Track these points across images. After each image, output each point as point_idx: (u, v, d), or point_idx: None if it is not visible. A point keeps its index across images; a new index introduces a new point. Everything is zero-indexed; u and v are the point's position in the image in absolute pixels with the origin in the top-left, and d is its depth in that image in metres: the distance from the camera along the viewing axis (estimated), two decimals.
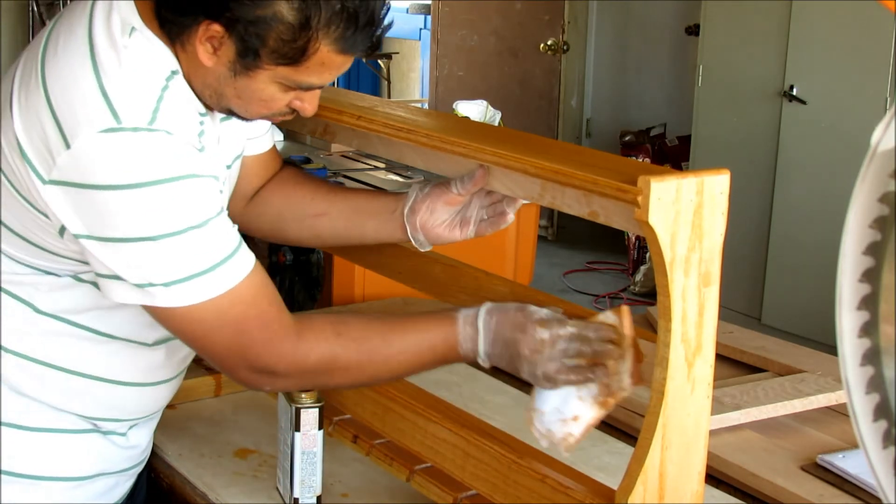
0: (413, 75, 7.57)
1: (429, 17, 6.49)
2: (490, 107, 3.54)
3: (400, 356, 1.28)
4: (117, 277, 1.20)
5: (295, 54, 1.18)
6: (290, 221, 1.50)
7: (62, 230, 1.22)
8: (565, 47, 6.03)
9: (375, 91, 7.55)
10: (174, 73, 1.23)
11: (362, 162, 3.10)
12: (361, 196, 1.50)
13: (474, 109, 3.47)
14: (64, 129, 1.16)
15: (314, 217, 1.50)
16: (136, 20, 1.21)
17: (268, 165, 1.52)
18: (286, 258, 2.69)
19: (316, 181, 1.55)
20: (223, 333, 1.22)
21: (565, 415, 1.23)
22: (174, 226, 1.17)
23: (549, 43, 6.02)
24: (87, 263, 1.26)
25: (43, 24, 5.17)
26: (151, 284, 1.19)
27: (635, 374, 1.19)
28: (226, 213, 1.24)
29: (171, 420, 1.52)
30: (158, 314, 1.23)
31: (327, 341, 1.26)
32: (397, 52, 7.53)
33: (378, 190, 2.02)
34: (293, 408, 1.42)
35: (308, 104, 1.29)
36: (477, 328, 1.26)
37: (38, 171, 1.18)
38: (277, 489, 1.51)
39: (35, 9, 5.16)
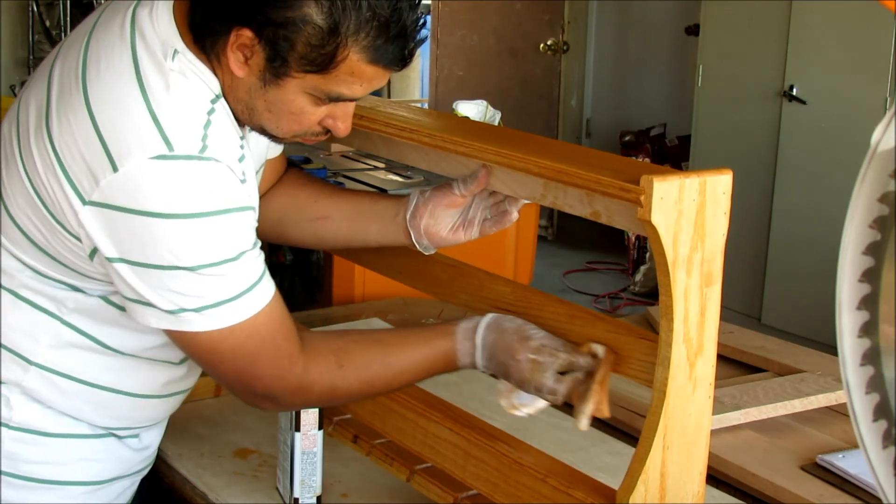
0: (413, 75, 7.56)
1: (428, 17, 6.49)
2: (490, 107, 3.53)
3: (400, 376, 1.33)
4: (147, 303, 1.20)
5: (323, 61, 1.17)
6: (292, 224, 1.50)
7: (93, 253, 1.21)
8: (565, 47, 6.03)
9: (375, 91, 7.54)
10: (218, 96, 1.22)
11: (362, 162, 3.10)
12: (364, 199, 1.50)
13: (474, 109, 3.47)
14: (111, 152, 1.15)
15: (317, 220, 1.50)
16: (178, 42, 1.20)
17: (277, 169, 1.52)
18: (286, 258, 2.70)
19: (319, 183, 1.55)
20: (236, 363, 1.24)
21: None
22: (213, 257, 1.17)
23: (549, 43, 6.02)
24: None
25: (43, 24, 5.16)
26: (183, 310, 1.19)
27: (597, 409, 1.25)
28: (258, 243, 1.24)
29: (172, 420, 1.52)
30: (179, 337, 1.23)
31: (330, 373, 1.28)
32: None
33: (381, 193, 2.01)
34: None
35: (341, 123, 1.27)
36: (475, 343, 1.31)
37: (80, 192, 1.17)
38: (277, 489, 1.51)
39: (35, 9, 5.15)
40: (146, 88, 1.17)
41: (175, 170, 1.15)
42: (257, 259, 1.23)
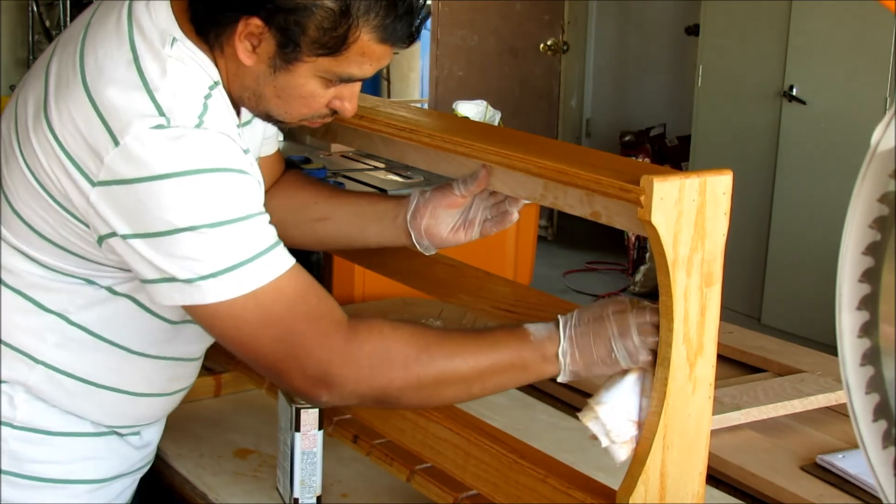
0: (413, 75, 7.56)
1: (429, 17, 6.49)
2: (490, 107, 3.53)
3: (464, 349, 1.21)
4: (165, 279, 1.17)
5: (335, 43, 1.18)
6: (292, 225, 1.50)
7: (101, 239, 1.21)
8: (565, 47, 6.03)
9: (375, 91, 7.54)
10: (216, 83, 1.22)
11: (362, 162, 3.10)
12: (364, 200, 1.50)
13: (474, 109, 3.46)
14: (113, 129, 1.15)
15: (316, 222, 1.49)
16: (176, 30, 1.21)
17: (273, 169, 1.52)
18: None
19: (318, 184, 1.55)
20: (270, 332, 1.18)
21: (632, 416, 1.19)
22: (217, 215, 1.15)
23: (549, 43, 6.02)
24: (125, 271, 1.25)
25: (43, 24, 5.16)
26: (201, 277, 1.15)
27: None
28: (266, 213, 1.22)
29: (171, 420, 1.52)
30: (204, 315, 1.19)
31: (381, 332, 1.20)
32: (397, 53, 7.51)
33: (381, 193, 2.01)
34: (293, 408, 1.42)
35: (349, 103, 1.27)
36: (557, 323, 1.22)
37: (87, 175, 1.17)
38: (277, 489, 1.51)
39: (35, 9, 5.16)
40: (144, 74, 1.17)
41: (174, 134, 1.15)
42: (269, 226, 1.21)
